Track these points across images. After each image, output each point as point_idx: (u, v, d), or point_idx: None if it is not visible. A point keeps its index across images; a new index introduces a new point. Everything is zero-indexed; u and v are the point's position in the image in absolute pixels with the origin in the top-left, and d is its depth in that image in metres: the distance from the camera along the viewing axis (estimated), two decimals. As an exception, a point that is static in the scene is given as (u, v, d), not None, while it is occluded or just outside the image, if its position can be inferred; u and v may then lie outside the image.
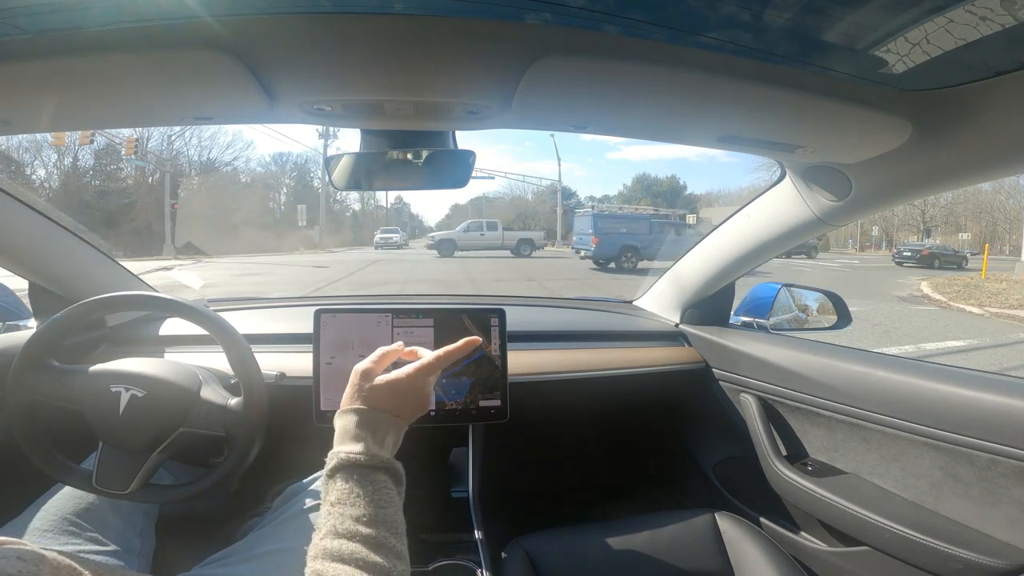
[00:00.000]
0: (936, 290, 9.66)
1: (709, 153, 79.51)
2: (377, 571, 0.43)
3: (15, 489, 0.78)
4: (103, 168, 22.49)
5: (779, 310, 1.30)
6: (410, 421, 0.58)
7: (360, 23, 0.48)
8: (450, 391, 1.00)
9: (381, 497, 0.48)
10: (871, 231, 37.15)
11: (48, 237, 0.98)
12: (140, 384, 0.70)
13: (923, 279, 12.09)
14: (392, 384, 0.55)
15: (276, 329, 1.18)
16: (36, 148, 20.54)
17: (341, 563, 0.43)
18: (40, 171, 21.28)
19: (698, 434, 1.38)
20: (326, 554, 0.44)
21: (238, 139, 29.78)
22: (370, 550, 0.44)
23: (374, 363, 0.58)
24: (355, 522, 0.45)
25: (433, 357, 0.59)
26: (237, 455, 0.71)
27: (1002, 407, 0.74)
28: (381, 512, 0.47)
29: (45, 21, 0.47)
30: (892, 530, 0.82)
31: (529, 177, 55.10)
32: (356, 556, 0.43)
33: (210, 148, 27.56)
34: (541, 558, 0.85)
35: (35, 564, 0.32)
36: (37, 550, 0.33)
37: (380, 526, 0.46)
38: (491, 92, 0.61)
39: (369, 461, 0.50)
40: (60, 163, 21.23)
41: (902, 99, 0.60)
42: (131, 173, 22.66)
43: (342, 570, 0.42)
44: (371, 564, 0.43)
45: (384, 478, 0.50)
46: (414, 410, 0.57)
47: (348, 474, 0.49)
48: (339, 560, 0.43)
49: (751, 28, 0.47)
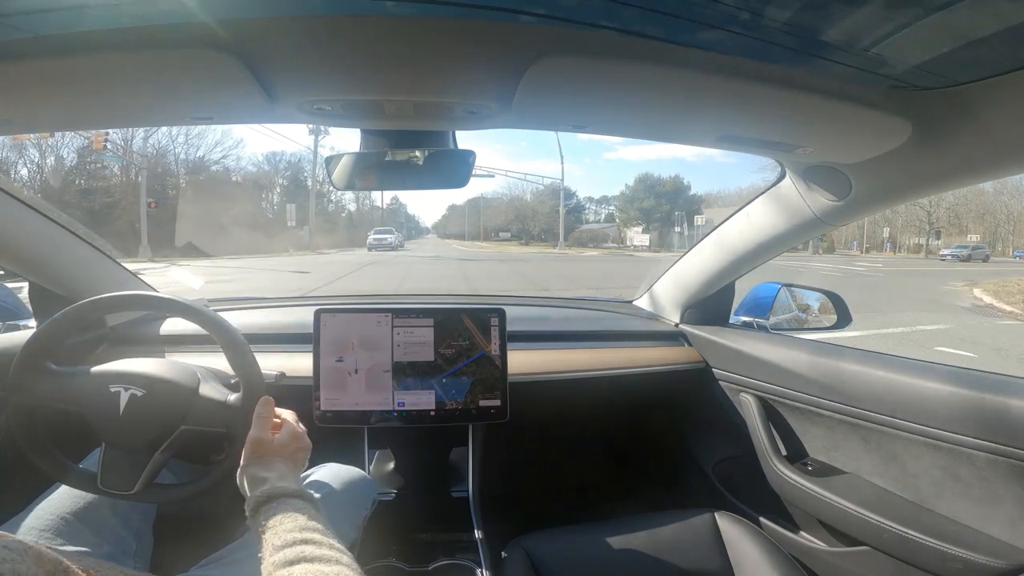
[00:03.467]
0: (999, 298, 8.99)
1: (707, 154, 79.58)
2: (326, 561, 0.48)
3: (17, 488, 0.78)
4: (85, 167, 21.98)
5: (779, 310, 1.30)
6: (300, 462, 0.68)
7: (360, 24, 0.48)
8: (450, 391, 1.00)
9: (302, 513, 0.55)
10: (881, 232, 37.01)
11: (48, 237, 0.98)
12: (139, 383, 0.70)
13: (969, 285, 11.40)
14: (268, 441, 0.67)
15: (276, 329, 1.18)
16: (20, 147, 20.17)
17: (291, 566, 0.48)
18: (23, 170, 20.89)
19: (698, 434, 1.38)
20: (278, 566, 0.48)
21: (227, 136, 29.13)
22: (314, 548, 0.49)
23: (262, 431, 0.68)
24: (290, 532, 0.51)
25: (257, 422, 0.69)
26: (238, 451, 0.71)
27: (1002, 407, 0.74)
28: (309, 523, 0.53)
29: (45, 21, 0.47)
30: (892, 530, 0.82)
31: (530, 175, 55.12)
32: (303, 556, 0.48)
33: (198, 146, 26.82)
34: (541, 558, 0.85)
35: (19, 554, 0.32)
36: (23, 541, 0.33)
37: (314, 532, 0.52)
38: (491, 92, 0.61)
39: (279, 492, 0.57)
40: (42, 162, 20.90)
41: (902, 99, 0.60)
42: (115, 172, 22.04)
43: (296, 569, 0.47)
44: (320, 557, 0.48)
45: (298, 501, 0.57)
46: (295, 451, 0.68)
47: (267, 506, 0.56)
48: (289, 565, 0.48)
49: (751, 27, 0.47)
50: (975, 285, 11.21)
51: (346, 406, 0.97)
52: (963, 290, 10.74)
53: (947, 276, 14.23)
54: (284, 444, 0.67)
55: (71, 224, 1.07)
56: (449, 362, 1.00)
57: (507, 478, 1.40)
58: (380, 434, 1.14)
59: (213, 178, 27.34)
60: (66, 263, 1.04)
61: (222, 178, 28.15)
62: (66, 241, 1.02)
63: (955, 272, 15.70)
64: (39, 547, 0.34)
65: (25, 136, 17.33)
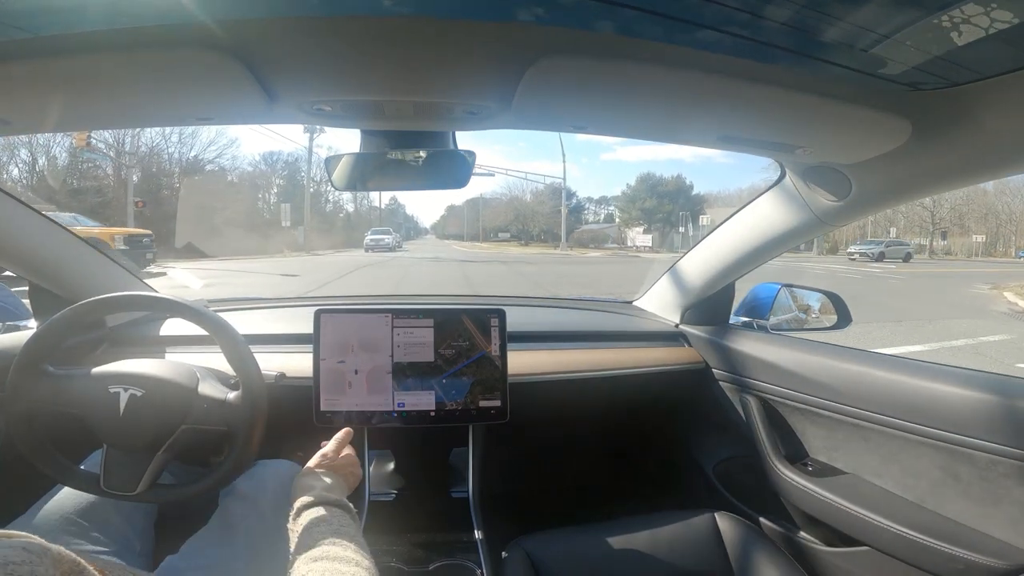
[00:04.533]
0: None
1: (705, 154, 79.42)
2: (346, 562, 0.52)
3: (18, 490, 0.78)
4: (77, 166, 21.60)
5: (779, 310, 1.30)
6: (349, 484, 0.76)
7: (360, 24, 0.48)
8: (450, 391, 1.00)
9: (338, 521, 0.60)
10: (887, 233, 36.88)
11: (48, 237, 0.98)
12: (138, 383, 0.70)
13: (995, 287, 10.89)
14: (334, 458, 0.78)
15: (276, 329, 1.18)
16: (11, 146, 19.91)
17: (315, 562, 0.52)
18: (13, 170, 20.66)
19: (698, 434, 1.38)
20: (303, 561, 0.52)
21: (221, 135, 28.44)
22: (339, 550, 0.54)
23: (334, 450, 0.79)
24: (321, 535, 0.56)
25: (333, 442, 0.81)
26: (239, 450, 0.71)
27: (1002, 407, 0.74)
28: (341, 529, 0.58)
29: (45, 21, 0.47)
30: (892, 530, 0.82)
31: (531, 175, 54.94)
32: (327, 555, 0.52)
33: (191, 146, 26.01)
34: (541, 558, 0.85)
35: (39, 555, 0.32)
36: (42, 543, 0.33)
37: (342, 537, 0.56)
38: (491, 93, 0.61)
39: (324, 500, 0.63)
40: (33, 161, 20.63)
41: (902, 99, 0.60)
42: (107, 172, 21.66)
43: (317, 566, 0.51)
44: (342, 557, 0.52)
45: (338, 511, 0.63)
46: (349, 473, 0.78)
47: (310, 510, 0.62)
48: (313, 561, 0.52)
49: (751, 28, 0.47)
50: (1002, 288, 10.69)
51: (346, 407, 0.97)
52: (992, 294, 10.23)
53: (967, 279, 13.80)
54: (344, 464, 0.77)
55: (71, 224, 1.07)
56: (449, 363, 1.00)
57: (507, 478, 1.40)
58: (380, 435, 1.14)
59: (208, 178, 27.01)
60: (66, 263, 1.04)
61: (217, 178, 27.79)
62: (66, 241, 1.02)
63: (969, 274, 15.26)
64: (57, 548, 0.34)
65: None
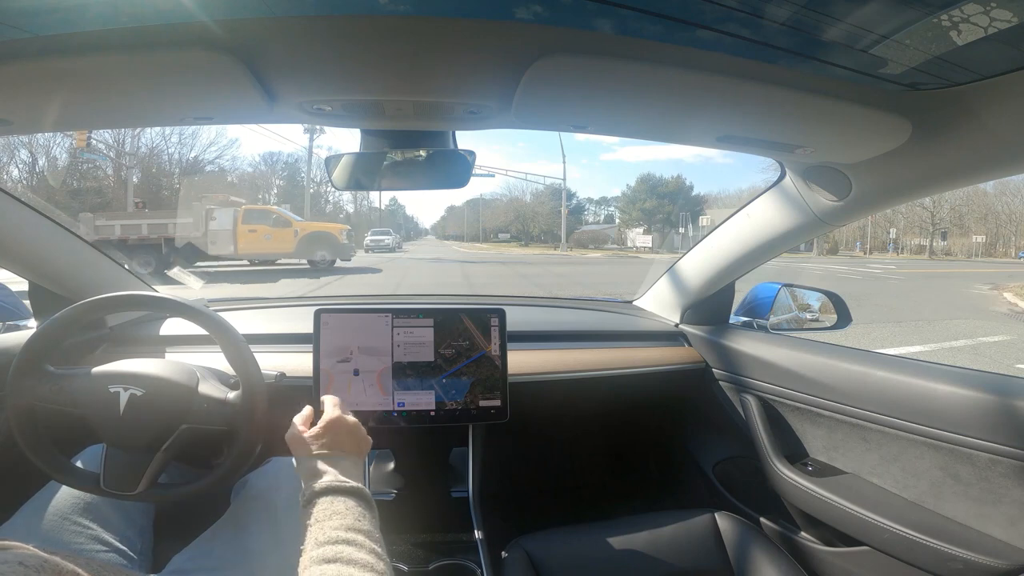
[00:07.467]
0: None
1: (705, 154, 79.43)
2: (360, 565, 0.48)
3: (17, 488, 0.78)
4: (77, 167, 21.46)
5: (779, 310, 1.30)
6: (362, 455, 0.68)
7: (360, 24, 0.48)
8: (450, 391, 1.00)
9: (353, 513, 0.54)
10: (886, 233, 36.84)
11: (48, 237, 0.98)
12: (138, 383, 0.70)
13: (995, 288, 10.83)
14: (329, 427, 0.66)
15: (276, 329, 1.18)
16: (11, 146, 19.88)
17: (326, 564, 0.47)
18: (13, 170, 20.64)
19: (698, 434, 1.38)
20: (314, 562, 0.48)
21: (221, 136, 28.43)
22: (353, 550, 0.49)
23: (302, 427, 0.67)
24: (335, 530, 0.51)
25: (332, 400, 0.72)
26: (240, 449, 0.71)
27: (1002, 407, 0.74)
28: (357, 523, 0.53)
29: (45, 21, 0.47)
30: (892, 530, 0.82)
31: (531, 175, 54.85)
32: (340, 557, 0.48)
33: (191, 146, 26.33)
34: (541, 558, 0.85)
35: (36, 570, 0.31)
36: (40, 554, 0.32)
37: (358, 534, 0.52)
38: (491, 92, 0.61)
39: (338, 487, 0.57)
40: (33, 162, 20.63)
41: (902, 99, 0.60)
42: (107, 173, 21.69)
43: (329, 569, 0.47)
44: (356, 561, 0.48)
45: (354, 501, 0.57)
46: (358, 442, 0.68)
47: (322, 498, 0.56)
48: (325, 563, 0.48)
49: (751, 28, 0.47)
50: (1002, 289, 10.72)
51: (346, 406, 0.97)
52: (992, 294, 10.19)
53: (967, 279, 13.77)
54: (348, 434, 0.68)
55: (71, 224, 1.07)
56: (449, 362, 1.00)
57: (507, 478, 1.40)
58: (380, 434, 1.14)
59: (208, 179, 27.00)
60: (66, 263, 1.04)
61: (217, 179, 27.76)
62: (66, 241, 1.02)
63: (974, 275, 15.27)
64: (54, 558, 0.33)
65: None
